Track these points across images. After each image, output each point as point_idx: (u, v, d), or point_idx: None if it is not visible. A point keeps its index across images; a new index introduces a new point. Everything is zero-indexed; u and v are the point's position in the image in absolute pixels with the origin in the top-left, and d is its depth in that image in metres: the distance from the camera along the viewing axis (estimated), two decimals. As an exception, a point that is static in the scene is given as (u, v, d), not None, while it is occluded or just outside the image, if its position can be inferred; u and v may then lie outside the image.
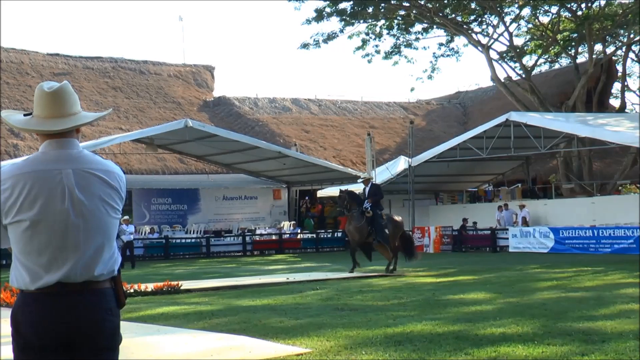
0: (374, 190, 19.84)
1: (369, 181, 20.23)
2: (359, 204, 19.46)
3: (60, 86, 3.50)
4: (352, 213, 19.46)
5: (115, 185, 3.50)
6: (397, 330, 9.10)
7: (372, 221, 19.26)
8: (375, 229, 19.24)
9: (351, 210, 19.47)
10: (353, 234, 19.60)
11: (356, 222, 19.32)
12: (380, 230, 19.25)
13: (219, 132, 33.54)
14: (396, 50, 40.71)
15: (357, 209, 19.33)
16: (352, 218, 19.48)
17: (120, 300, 3.49)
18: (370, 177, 20.73)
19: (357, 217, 19.30)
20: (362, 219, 19.23)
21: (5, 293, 13.46)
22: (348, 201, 19.54)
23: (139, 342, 8.59)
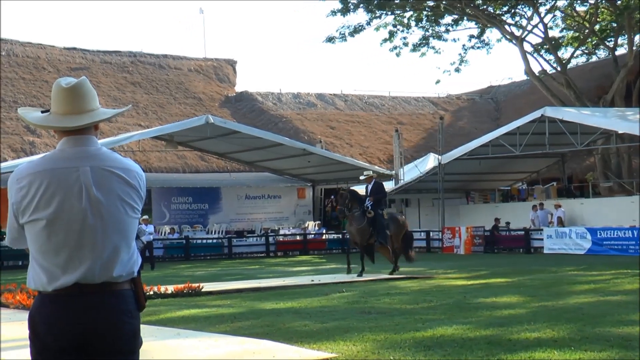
0: (377, 189, 19.54)
1: (372, 179, 19.84)
2: (360, 203, 19.20)
3: (78, 82, 3.53)
4: (353, 213, 19.14)
5: (135, 183, 3.52)
6: (426, 334, 9.08)
7: (373, 222, 18.99)
8: (377, 230, 19.00)
9: (352, 210, 19.15)
10: (354, 235, 19.39)
11: (357, 222, 19.05)
12: (382, 231, 19.02)
13: (241, 128, 33.63)
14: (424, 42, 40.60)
15: (359, 208, 19.06)
16: (353, 218, 19.16)
17: (140, 302, 3.50)
18: (373, 175, 20.28)
19: (358, 217, 19.04)
20: (364, 219, 18.96)
21: (21, 295, 13.59)
22: (350, 200, 19.22)
23: (159, 346, 8.64)
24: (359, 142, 46.15)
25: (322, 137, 43.42)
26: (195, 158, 39.99)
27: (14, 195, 3.42)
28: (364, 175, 20.31)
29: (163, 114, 44.66)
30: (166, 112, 45.03)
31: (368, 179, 19.89)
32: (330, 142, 44.29)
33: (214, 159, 39.65)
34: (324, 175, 38.74)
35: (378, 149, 45.72)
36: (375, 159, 44.15)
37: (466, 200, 39.08)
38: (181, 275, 21.72)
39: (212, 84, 50.47)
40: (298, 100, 50.32)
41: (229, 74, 52.77)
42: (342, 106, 50.69)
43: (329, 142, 43.88)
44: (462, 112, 53.49)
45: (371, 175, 20.02)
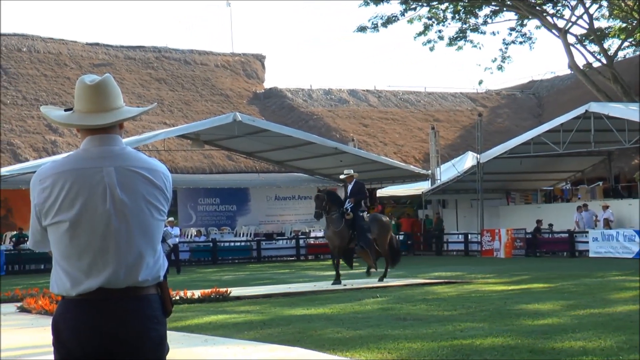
0: (357, 189, 19.08)
1: (352, 178, 19.35)
2: (339, 205, 18.74)
3: (102, 79, 3.54)
4: (331, 216, 18.62)
5: (161, 184, 3.53)
6: (464, 342, 9.04)
7: (353, 224, 18.51)
8: (357, 233, 18.49)
9: (330, 212, 18.63)
10: (332, 239, 18.77)
11: (335, 225, 18.51)
12: (363, 234, 18.49)
13: (270, 126, 33.70)
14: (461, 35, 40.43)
15: (337, 210, 18.59)
16: (330, 221, 18.66)
17: (166, 307, 3.51)
18: (353, 174, 19.64)
19: (336, 220, 18.51)
20: (342, 222, 18.47)
21: (44, 300, 13.74)
22: (327, 202, 18.69)
23: (185, 353, 8.70)
24: (394, 141, 46.07)
25: (355, 135, 43.39)
26: (223, 157, 40.17)
27: (37, 196, 3.44)
28: (344, 174, 19.82)
29: (189, 111, 44.91)
30: (192, 109, 45.28)
31: (348, 178, 19.40)
32: (363, 140, 44.27)
33: (241, 159, 39.79)
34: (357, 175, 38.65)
35: (413, 147, 45.60)
36: (411, 157, 44.06)
37: (506, 201, 38.86)
38: (208, 279, 21.83)
39: (240, 80, 50.65)
40: (329, 96, 50.34)
41: (258, 70, 52.91)
42: (375, 103, 50.64)
43: (361, 140, 43.86)
44: (502, 108, 53.19)
45: (351, 175, 19.47)
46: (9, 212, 33.27)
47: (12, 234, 31.37)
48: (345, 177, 19.76)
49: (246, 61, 52.73)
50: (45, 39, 47.18)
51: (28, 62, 44.69)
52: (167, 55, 49.87)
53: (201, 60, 50.67)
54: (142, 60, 48.62)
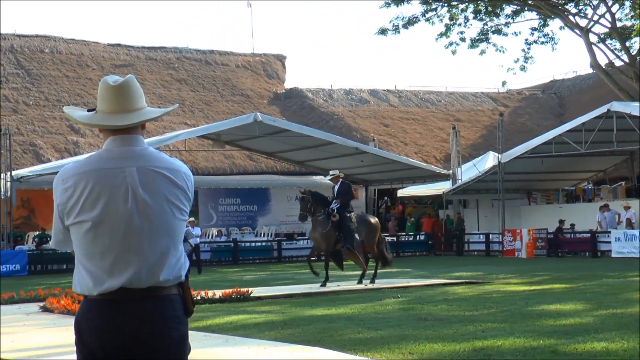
0: (344, 190, 18.65)
1: (339, 179, 18.85)
2: (324, 206, 18.33)
3: (125, 80, 3.56)
4: (316, 217, 18.26)
5: (182, 184, 3.54)
6: (486, 342, 9.01)
7: (339, 226, 18.12)
8: (344, 235, 18.08)
9: (316, 214, 18.29)
10: (319, 241, 18.46)
11: (322, 227, 18.12)
12: (350, 235, 18.06)
13: (291, 126, 33.76)
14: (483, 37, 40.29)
15: (323, 212, 18.20)
16: (316, 223, 18.30)
17: (188, 307, 3.52)
18: (340, 175, 19.15)
19: (322, 222, 18.12)
20: (328, 223, 18.07)
21: (66, 299, 13.82)
22: (312, 204, 18.36)
23: (206, 353, 8.71)
24: (414, 140, 45.99)
25: (376, 135, 43.38)
26: (243, 157, 40.27)
27: (60, 196, 3.46)
28: (330, 175, 19.45)
29: (210, 112, 45.05)
30: (213, 110, 45.42)
31: (334, 179, 18.97)
32: (383, 140, 44.24)
33: (262, 159, 39.87)
34: (377, 175, 38.70)
35: (434, 147, 45.52)
36: (431, 157, 43.98)
37: (528, 201, 38.71)
38: (229, 279, 21.88)
39: (261, 80, 50.74)
40: (350, 96, 50.33)
41: (278, 70, 52.99)
42: (396, 102, 50.58)
43: (382, 140, 43.82)
44: (524, 108, 53.00)
45: (338, 175, 19.01)
46: (31, 212, 33.52)
47: (35, 234, 31.59)
48: (331, 177, 19.30)
49: (267, 61, 52.81)
50: (67, 40, 47.49)
51: (50, 63, 44.99)
52: (188, 56, 50.04)
53: (222, 60, 50.81)
54: (163, 60, 48.82)
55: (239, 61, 51.48)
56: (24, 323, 12.49)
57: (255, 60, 52.39)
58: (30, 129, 39.29)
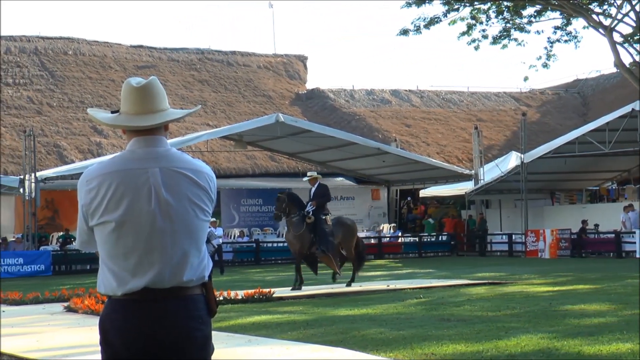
0: (321, 192, 18.40)
1: (316, 180, 18.63)
2: (300, 207, 18.05)
3: (148, 81, 3.59)
4: (291, 218, 17.96)
5: (205, 185, 3.56)
6: (509, 343, 8.98)
7: (314, 228, 17.81)
8: (318, 237, 17.74)
9: (290, 215, 17.97)
10: (293, 243, 18.15)
11: (295, 229, 17.86)
12: (325, 238, 17.73)
13: (313, 127, 33.77)
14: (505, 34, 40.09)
15: (298, 213, 17.90)
16: (291, 225, 18.03)
17: (211, 307, 3.54)
18: (317, 176, 18.96)
19: (296, 223, 17.84)
20: (302, 225, 17.77)
21: (90, 300, 13.90)
22: (287, 204, 18.07)
23: (229, 353, 8.73)
24: (436, 141, 45.87)
25: (397, 136, 43.31)
26: (265, 158, 40.32)
27: (84, 197, 3.49)
28: (307, 176, 19.21)
29: (232, 112, 45.15)
30: (235, 110, 45.52)
31: (311, 180, 18.71)
32: (405, 140, 44.15)
33: (284, 159, 39.91)
34: (399, 175, 38.64)
35: (456, 147, 45.37)
36: (454, 157, 43.84)
37: (551, 201, 38.51)
38: (251, 280, 21.93)
39: (282, 80, 50.80)
40: (372, 97, 50.27)
41: (300, 71, 53.02)
42: (418, 103, 50.47)
43: (404, 140, 43.75)
44: (546, 107, 52.72)
45: (315, 177, 18.84)
46: (55, 213, 33.76)
47: (59, 234, 31.81)
48: (308, 179, 19.02)
49: (288, 62, 52.86)
50: (90, 42, 47.76)
51: (74, 65, 45.28)
52: (210, 57, 50.18)
53: (243, 61, 50.91)
54: (185, 62, 48.99)
55: (261, 62, 51.56)
56: (49, 323, 12.58)
57: (277, 61, 52.46)
58: (54, 131, 39.56)
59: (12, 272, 26.99)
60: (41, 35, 46.85)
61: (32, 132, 30.33)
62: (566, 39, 40.57)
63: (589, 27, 39.03)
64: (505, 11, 39.26)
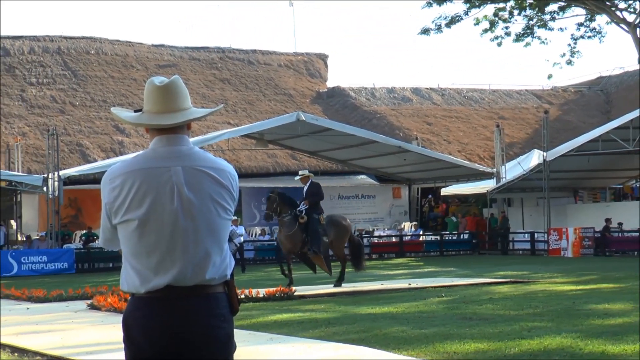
0: (314, 190, 18.15)
1: (308, 179, 18.38)
2: (291, 207, 17.86)
3: (171, 80, 3.61)
4: (282, 218, 17.78)
5: (227, 184, 3.56)
6: (532, 342, 8.93)
7: (306, 228, 17.53)
8: (311, 237, 17.46)
9: (282, 214, 17.80)
10: (284, 243, 17.94)
11: (287, 229, 17.65)
12: (316, 238, 17.44)
13: (334, 125, 33.76)
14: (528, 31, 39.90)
15: (289, 213, 17.71)
16: (282, 224, 17.85)
17: (233, 306, 3.55)
18: (309, 175, 18.66)
19: (288, 223, 17.63)
20: (295, 225, 17.55)
21: (112, 298, 13.98)
22: (278, 204, 17.89)
23: (251, 352, 8.76)
24: (458, 139, 45.73)
25: (419, 134, 43.21)
26: (286, 157, 40.35)
27: (107, 195, 3.51)
28: (299, 175, 18.94)
29: (253, 111, 45.22)
30: (256, 109, 45.59)
31: (303, 179, 18.47)
32: (427, 138, 44.05)
33: (305, 158, 39.92)
34: (420, 173, 38.55)
35: (478, 145, 45.20)
36: (475, 156, 43.69)
37: (574, 199, 38.29)
38: (273, 278, 21.94)
39: (303, 79, 50.82)
40: (393, 95, 50.18)
41: (321, 69, 53.03)
42: (439, 101, 50.33)
43: (425, 138, 43.64)
44: (569, 105, 52.41)
45: (307, 175, 18.53)
46: (78, 211, 33.96)
47: (82, 232, 32.00)
48: (300, 178, 18.75)
49: (309, 60, 52.88)
50: (112, 41, 48.02)
51: (96, 64, 45.53)
52: (231, 56, 50.29)
53: (264, 60, 50.97)
54: (207, 60, 49.13)
55: (282, 60, 51.61)
56: (72, 320, 12.67)
57: (298, 59, 52.48)
58: (76, 129, 39.79)
59: (36, 270, 27.21)
60: (64, 35, 47.17)
61: (55, 131, 30.51)
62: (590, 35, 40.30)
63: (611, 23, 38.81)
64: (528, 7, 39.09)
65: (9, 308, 15.21)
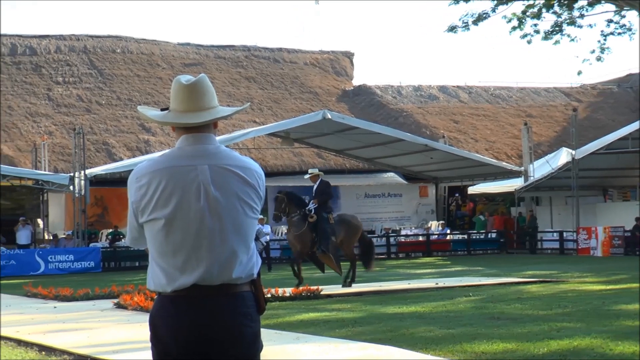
0: (323, 189, 17.91)
1: (318, 177, 18.12)
2: (300, 206, 17.68)
3: (197, 79, 3.61)
4: (291, 218, 17.59)
5: (254, 183, 3.57)
6: (561, 343, 8.88)
7: (315, 227, 17.33)
8: (319, 237, 17.27)
9: (290, 214, 17.60)
10: (293, 243, 17.85)
11: (296, 229, 17.52)
12: (325, 237, 17.25)
13: (360, 124, 33.74)
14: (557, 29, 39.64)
15: (298, 212, 17.52)
16: (291, 224, 17.69)
17: (260, 305, 3.55)
18: (318, 173, 18.42)
19: (297, 223, 17.47)
20: (304, 225, 17.36)
21: (139, 296, 14.04)
22: (286, 204, 17.66)
23: (278, 351, 8.76)
24: (485, 137, 45.54)
25: (445, 132, 43.08)
26: (312, 155, 40.37)
27: (134, 194, 3.52)
28: (309, 174, 18.69)
29: (278, 109, 45.30)
30: (282, 107, 45.66)
31: (313, 177, 18.22)
32: (453, 137, 43.91)
33: (331, 156, 39.93)
34: (447, 172, 38.44)
35: (505, 143, 44.99)
36: (503, 154, 43.49)
37: (603, 198, 38.00)
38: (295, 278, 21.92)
39: (329, 77, 50.83)
40: (419, 93, 50.07)
41: (346, 67, 53.02)
42: (466, 99, 50.15)
43: (452, 137, 43.51)
44: (598, 103, 52.03)
45: (316, 174, 18.29)
46: (104, 210, 34.17)
47: (108, 231, 32.19)
48: (309, 176, 18.52)
49: (335, 59, 52.88)
50: (138, 40, 48.29)
51: (122, 63, 45.81)
52: (257, 54, 50.40)
53: (290, 58, 51.04)
54: (232, 59, 49.27)
55: (307, 59, 51.65)
56: (99, 319, 12.75)
57: (324, 57, 52.50)
58: (102, 128, 40.07)
59: (62, 269, 27.43)
60: (90, 34, 47.53)
61: (81, 130, 30.72)
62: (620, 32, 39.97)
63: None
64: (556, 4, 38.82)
65: (37, 307, 15.36)
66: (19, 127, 39.04)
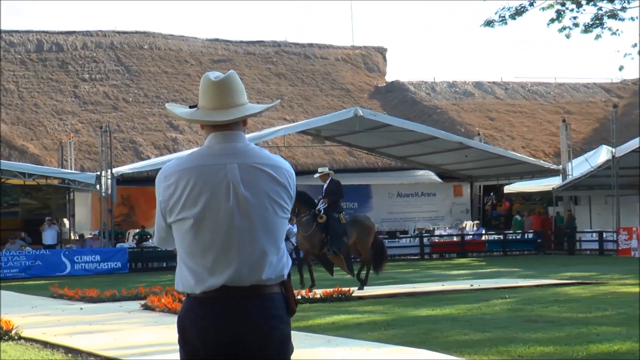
0: (333, 188, 17.85)
1: (328, 176, 18.09)
2: (309, 206, 17.55)
3: (227, 75, 3.62)
4: (300, 218, 17.47)
5: (284, 182, 3.57)
6: (601, 347, 8.82)
7: (326, 227, 17.22)
8: (330, 237, 17.13)
9: (300, 215, 17.43)
10: (302, 244, 17.80)
11: (304, 229, 17.41)
12: (336, 238, 17.09)
13: (392, 121, 33.68)
14: (597, 22, 39.30)
15: (308, 212, 17.41)
16: (300, 225, 17.59)
17: (290, 306, 3.55)
18: (328, 172, 18.40)
19: (306, 223, 17.36)
20: (312, 225, 17.27)
21: (167, 298, 14.12)
22: (296, 204, 17.42)
23: (308, 354, 8.77)
24: (522, 134, 45.27)
25: (481, 129, 42.88)
26: (344, 153, 40.37)
27: (162, 193, 3.53)
28: (318, 172, 18.64)
29: (309, 106, 45.33)
30: (312, 104, 45.69)
31: (323, 176, 18.19)
32: (489, 134, 43.70)
33: (363, 154, 39.90)
34: (483, 170, 38.27)
35: (543, 141, 44.70)
36: (540, 152, 43.21)
37: (645, 197, 37.59)
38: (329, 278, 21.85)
39: (361, 73, 50.79)
40: (454, 89, 49.90)
41: (379, 63, 52.95)
42: (502, 95, 49.88)
43: (488, 134, 43.30)
44: (639, 99, 51.54)
45: (326, 173, 18.27)
46: (131, 209, 34.35)
47: (135, 231, 32.36)
48: (319, 175, 18.46)
49: (367, 54, 52.83)
50: (166, 36, 48.56)
51: (149, 59, 46.09)
52: (287, 50, 50.47)
53: (321, 54, 51.06)
54: (262, 55, 49.38)
55: (339, 54, 51.65)
56: (126, 321, 12.83)
57: (356, 53, 52.47)
58: (130, 126, 40.32)
59: (89, 269, 27.61)
60: (117, 30, 47.88)
61: (108, 128, 30.89)
62: (663, 25, 39.56)
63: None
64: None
65: (63, 308, 15.49)
66: (44, 125, 39.40)
